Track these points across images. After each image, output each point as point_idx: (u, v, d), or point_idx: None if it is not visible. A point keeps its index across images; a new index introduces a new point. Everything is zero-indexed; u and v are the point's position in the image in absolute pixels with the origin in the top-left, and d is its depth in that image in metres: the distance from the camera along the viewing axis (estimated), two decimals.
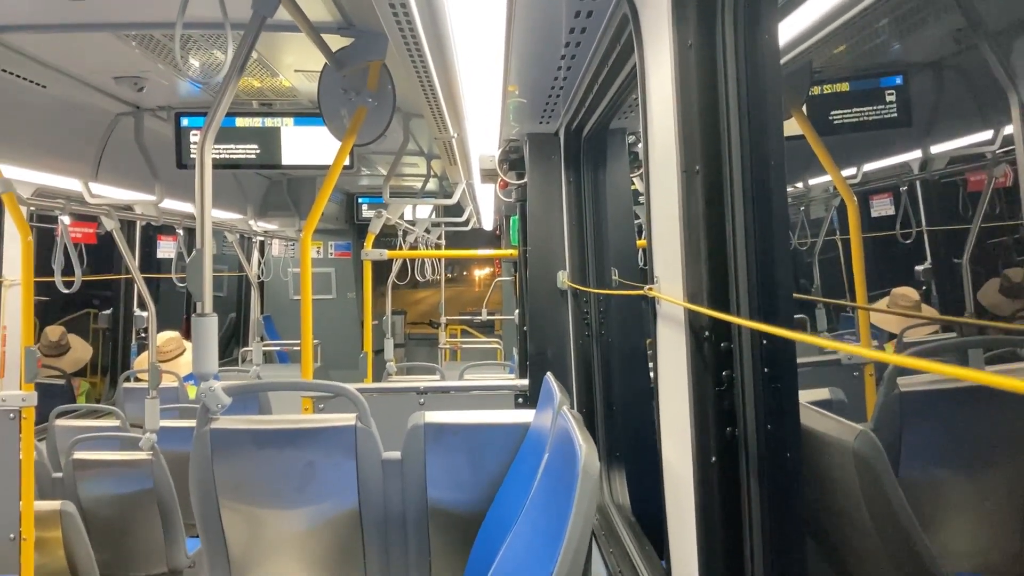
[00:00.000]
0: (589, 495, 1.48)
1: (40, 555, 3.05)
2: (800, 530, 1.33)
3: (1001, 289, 4.60)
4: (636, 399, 3.15)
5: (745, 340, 1.31)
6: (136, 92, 3.75)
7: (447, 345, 9.45)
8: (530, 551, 1.74)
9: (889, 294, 4.75)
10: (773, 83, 1.32)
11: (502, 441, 2.70)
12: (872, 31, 3.36)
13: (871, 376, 3.25)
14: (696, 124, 1.34)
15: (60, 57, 3.31)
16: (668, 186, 1.45)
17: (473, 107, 3.17)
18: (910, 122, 3.48)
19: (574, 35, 2.17)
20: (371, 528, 2.70)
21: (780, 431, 1.30)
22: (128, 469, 3.77)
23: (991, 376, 0.63)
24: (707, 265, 1.33)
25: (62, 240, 4.39)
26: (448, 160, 4.59)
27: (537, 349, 3.51)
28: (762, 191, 1.30)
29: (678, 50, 1.37)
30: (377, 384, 4.08)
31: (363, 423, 2.64)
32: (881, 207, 5.99)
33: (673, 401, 1.48)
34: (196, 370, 2.26)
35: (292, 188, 7.59)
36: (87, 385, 6.59)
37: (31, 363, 3.08)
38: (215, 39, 3.17)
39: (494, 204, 7.08)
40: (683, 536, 1.46)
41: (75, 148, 4.07)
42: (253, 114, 4.01)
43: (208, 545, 2.68)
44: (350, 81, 2.94)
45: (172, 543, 3.88)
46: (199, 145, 2.18)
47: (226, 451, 2.61)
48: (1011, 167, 4.03)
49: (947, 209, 5.45)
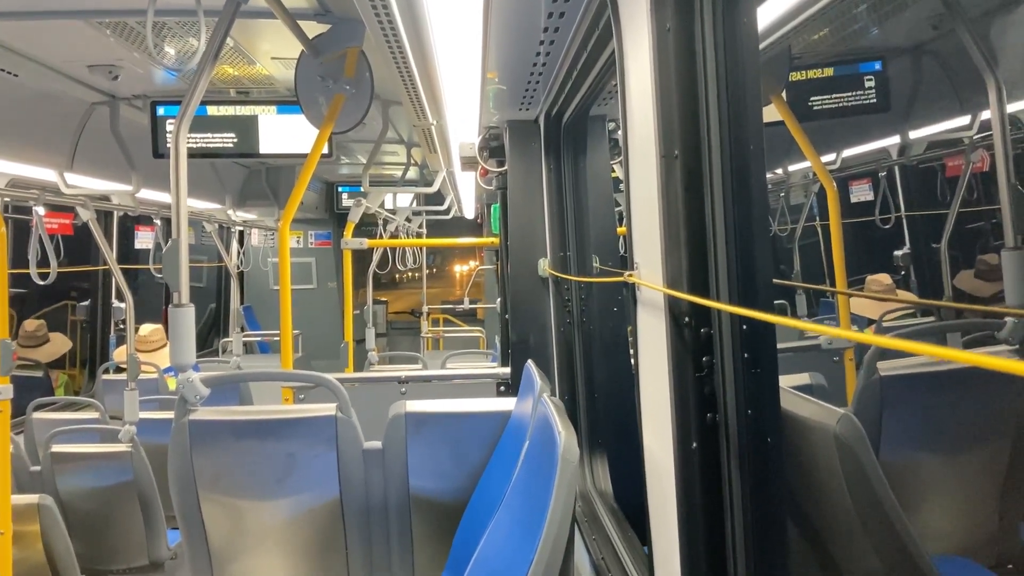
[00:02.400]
0: (568, 481, 1.48)
1: (18, 549, 3.02)
2: (782, 514, 1.33)
3: (977, 273, 4.64)
4: (618, 386, 3.16)
5: (725, 325, 1.31)
6: (111, 81, 3.71)
7: (429, 334, 9.43)
8: (511, 538, 1.74)
9: (864, 282, 4.79)
10: (752, 68, 1.31)
11: (484, 429, 2.69)
12: (851, 16, 3.37)
13: (851, 361, 3.27)
14: (675, 109, 1.34)
15: (33, 45, 3.27)
16: (647, 172, 1.44)
17: (452, 94, 3.14)
18: (888, 107, 3.49)
19: (552, 20, 2.15)
20: (353, 518, 2.69)
21: (761, 416, 1.30)
22: (107, 462, 3.74)
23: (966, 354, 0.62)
24: (686, 251, 1.33)
25: (37, 231, 4.34)
26: (428, 148, 4.57)
27: (519, 337, 3.50)
28: (741, 176, 1.30)
29: (656, 34, 1.36)
30: (358, 374, 4.07)
31: (343, 413, 2.62)
32: (860, 193, 6.03)
33: (653, 387, 1.48)
34: (174, 361, 2.24)
35: (271, 177, 7.54)
36: (65, 377, 6.53)
37: (7, 357, 3.04)
38: (190, 26, 3.14)
39: (475, 192, 7.05)
40: (665, 522, 1.46)
41: (50, 138, 4.02)
42: (230, 102, 3.97)
43: (188, 537, 2.67)
44: (327, 68, 2.91)
45: (153, 535, 3.85)
46: (174, 134, 2.16)
47: (205, 443, 2.59)
48: (988, 152, 4.06)
49: (926, 194, 5.49)
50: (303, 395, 3.27)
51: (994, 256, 4.45)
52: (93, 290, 6.79)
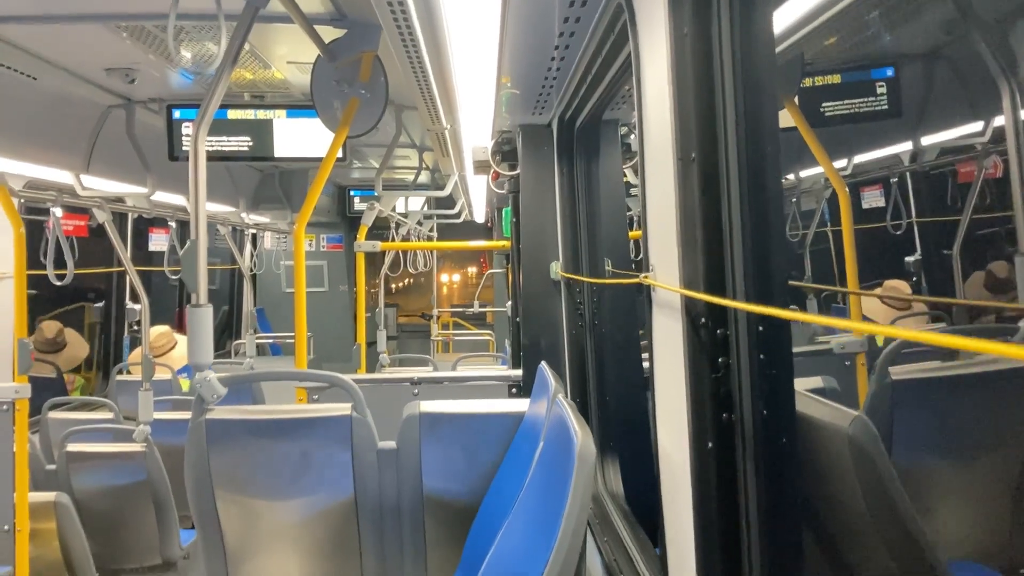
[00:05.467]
0: (585, 482, 1.49)
1: (35, 546, 3.05)
2: (796, 516, 1.34)
3: (986, 284, 4.63)
4: (630, 388, 3.16)
5: (741, 327, 1.32)
6: (127, 84, 3.74)
7: (440, 337, 9.45)
8: (526, 539, 1.75)
9: (881, 286, 4.78)
10: (768, 71, 1.32)
11: (497, 430, 2.71)
12: (864, 22, 3.37)
13: (863, 365, 3.27)
14: (692, 112, 1.35)
15: (51, 49, 3.30)
16: (664, 174, 1.45)
17: (466, 98, 3.17)
18: (901, 113, 3.49)
19: (568, 25, 2.17)
20: (367, 518, 2.70)
21: (776, 416, 1.31)
22: (122, 461, 3.77)
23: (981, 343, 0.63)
24: (703, 252, 1.34)
25: (54, 232, 4.38)
26: (441, 152, 4.59)
27: (531, 339, 3.51)
28: (757, 178, 1.31)
29: (674, 38, 1.38)
30: (371, 375, 4.09)
31: (358, 413, 2.64)
32: (872, 199, 6.02)
33: (669, 388, 1.49)
34: (191, 360, 2.26)
35: (284, 180, 7.57)
36: (82, 381, 6.55)
37: (24, 355, 3.08)
38: (208, 30, 3.16)
39: (486, 196, 7.08)
40: (679, 522, 1.47)
41: (66, 140, 4.06)
42: (245, 106, 4.00)
43: (204, 536, 2.69)
44: (343, 73, 2.93)
45: (166, 535, 3.88)
46: (192, 137, 2.18)
47: (222, 441, 2.61)
48: (1001, 158, 4.06)
49: (937, 201, 5.47)
50: (317, 396, 3.29)
51: (1002, 266, 4.43)
52: (107, 292, 6.83)
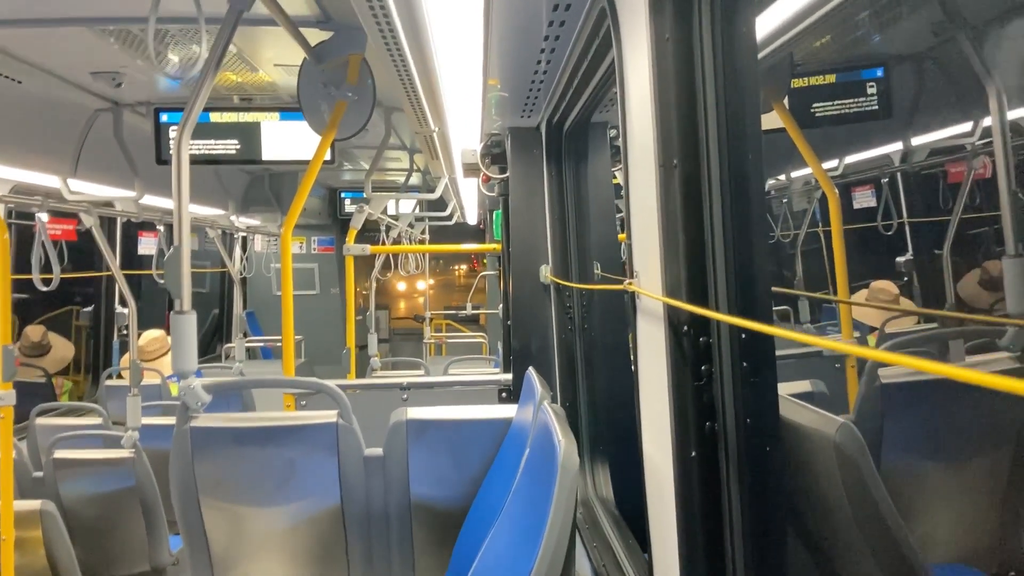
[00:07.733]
0: (568, 489, 1.48)
1: (20, 555, 3.02)
2: (781, 523, 1.33)
3: (980, 282, 4.63)
4: (619, 393, 3.15)
5: (724, 334, 1.31)
6: (114, 88, 3.72)
7: (432, 340, 9.44)
8: (512, 545, 1.74)
9: (868, 287, 4.78)
10: (751, 76, 1.31)
11: (485, 437, 2.69)
12: (853, 24, 3.37)
13: (852, 368, 3.27)
14: (674, 118, 1.34)
15: (36, 52, 3.28)
16: (646, 180, 1.44)
17: (454, 101, 3.15)
18: (891, 114, 3.49)
19: (553, 28, 2.16)
20: (354, 525, 2.69)
21: (760, 425, 1.30)
22: (110, 468, 3.74)
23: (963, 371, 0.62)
24: (685, 260, 1.33)
25: (40, 237, 4.35)
26: (430, 154, 4.57)
27: (520, 343, 3.50)
28: (740, 185, 1.30)
29: (655, 44, 1.37)
30: (360, 380, 4.07)
31: (344, 420, 2.62)
32: (863, 199, 6.02)
33: (653, 396, 1.48)
34: (175, 367, 2.24)
35: (274, 183, 7.55)
36: (70, 384, 6.54)
37: (8, 362, 3.05)
38: (193, 33, 3.15)
39: (478, 198, 7.06)
40: (664, 529, 1.46)
41: (53, 144, 4.03)
42: (232, 109, 3.98)
43: (189, 543, 2.67)
44: (330, 75, 2.92)
45: (155, 541, 3.85)
46: (176, 141, 2.16)
47: (206, 449, 2.59)
48: (990, 158, 4.06)
49: (928, 201, 5.48)
50: (304, 401, 3.27)
51: (996, 264, 4.43)
52: (96, 296, 6.80)
